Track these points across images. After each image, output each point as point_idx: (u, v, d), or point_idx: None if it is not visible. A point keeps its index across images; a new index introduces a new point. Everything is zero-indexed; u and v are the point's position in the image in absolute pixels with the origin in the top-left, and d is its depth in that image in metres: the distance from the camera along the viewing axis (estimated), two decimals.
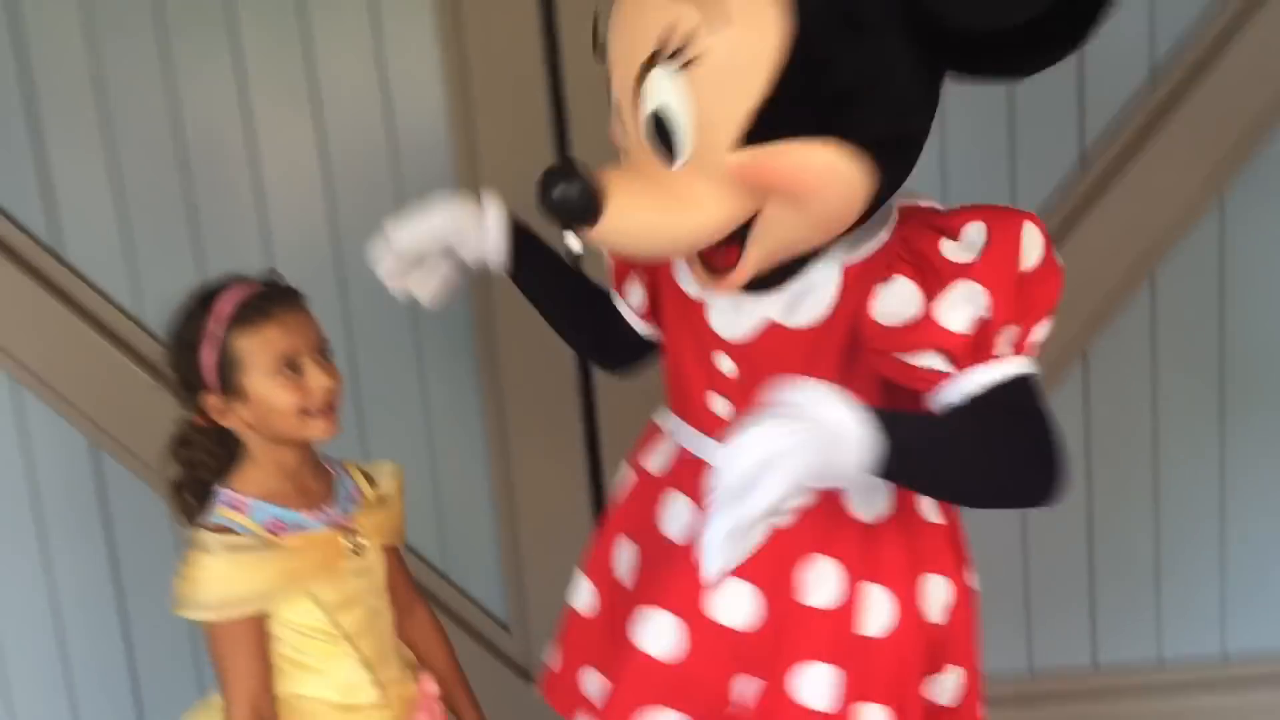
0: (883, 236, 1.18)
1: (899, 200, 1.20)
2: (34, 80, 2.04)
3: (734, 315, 1.22)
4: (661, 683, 1.26)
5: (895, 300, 1.12)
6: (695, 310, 1.27)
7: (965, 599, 1.29)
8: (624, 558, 1.41)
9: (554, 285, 1.51)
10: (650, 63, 1.06)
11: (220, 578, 1.36)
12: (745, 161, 1.06)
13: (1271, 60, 2.04)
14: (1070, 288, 1.16)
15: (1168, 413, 2.21)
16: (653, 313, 1.41)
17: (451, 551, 2.28)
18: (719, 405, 1.27)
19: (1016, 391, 1.09)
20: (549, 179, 1.10)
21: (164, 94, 2.06)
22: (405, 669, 1.55)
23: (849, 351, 1.17)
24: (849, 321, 1.16)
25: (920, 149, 1.14)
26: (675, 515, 1.33)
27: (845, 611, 1.20)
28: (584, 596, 1.47)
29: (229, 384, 1.37)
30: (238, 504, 1.40)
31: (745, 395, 1.21)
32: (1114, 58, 2.06)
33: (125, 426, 2.12)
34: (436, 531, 2.26)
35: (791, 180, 1.07)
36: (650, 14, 1.06)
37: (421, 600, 1.62)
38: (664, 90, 1.07)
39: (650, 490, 1.38)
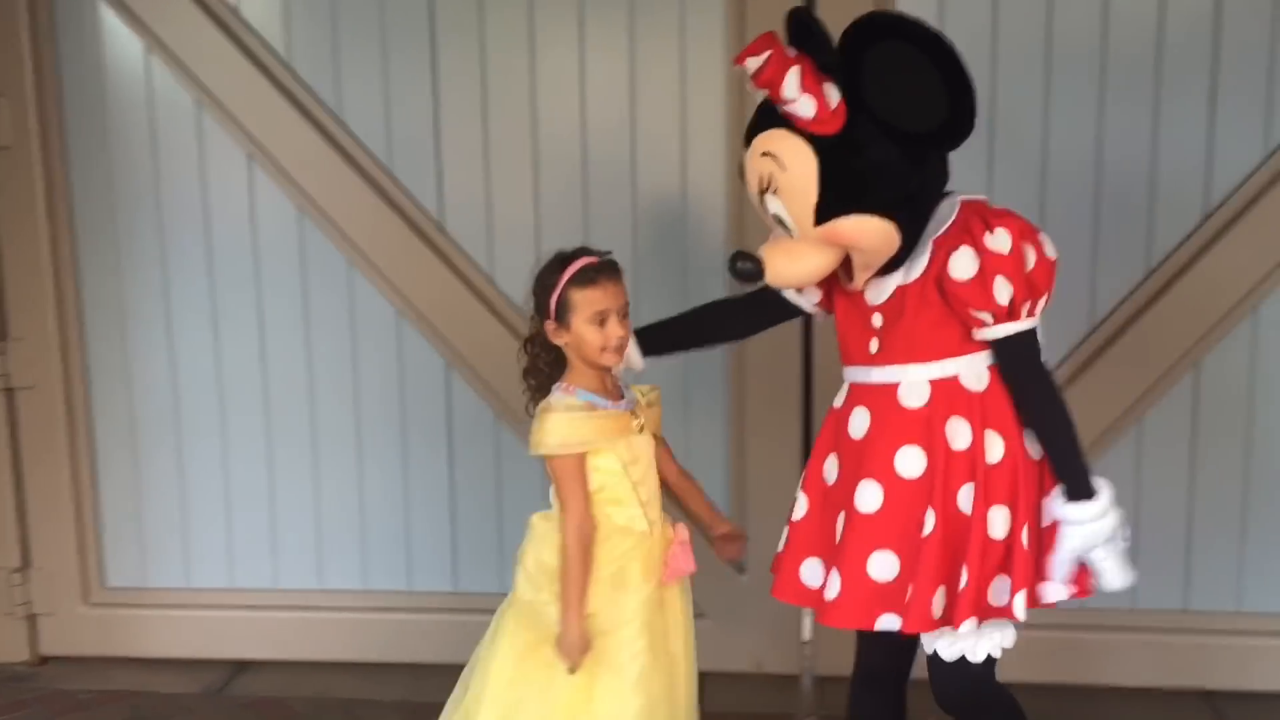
0: (952, 218, 1.93)
1: (961, 196, 1.96)
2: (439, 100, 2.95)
3: (878, 289, 1.99)
4: (877, 529, 1.96)
5: (961, 263, 1.88)
6: (857, 295, 2.03)
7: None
8: (830, 468, 2.10)
9: (684, 346, 2.39)
10: (761, 191, 1.92)
11: (560, 427, 2.04)
12: (821, 232, 1.89)
13: None
14: None
15: None
16: (826, 303, 2.15)
17: (691, 467, 3.02)
18: (873, 345, 2.00)
19: (1025, 340, 1.92)
20: (733, 259, 1.96)
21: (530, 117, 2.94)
22: (666, 516, 2.17)
23: (940, 294, 1.92)
24: (937, 276, 1.91)
25: (930, 194, 1.93)
26: (858, 423, 2.01)
27: (976, 449, 1.93)
28: (801, 508, 2.11)
29: (562, 318, 2.05)
30: (568, 390, 2.09)
31: (889, 336, 1.97)
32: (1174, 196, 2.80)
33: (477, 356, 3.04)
34: (683, 449, 3.02)
35: (846, 238, 1.89)
36: (755, 166, 1.92)
37: (677, 464, 2.28)
38: (773, 204, 1.91)
39: (838, 418, 2.07)
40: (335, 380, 3.11)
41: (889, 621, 1.95)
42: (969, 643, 1.98)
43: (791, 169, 1.87)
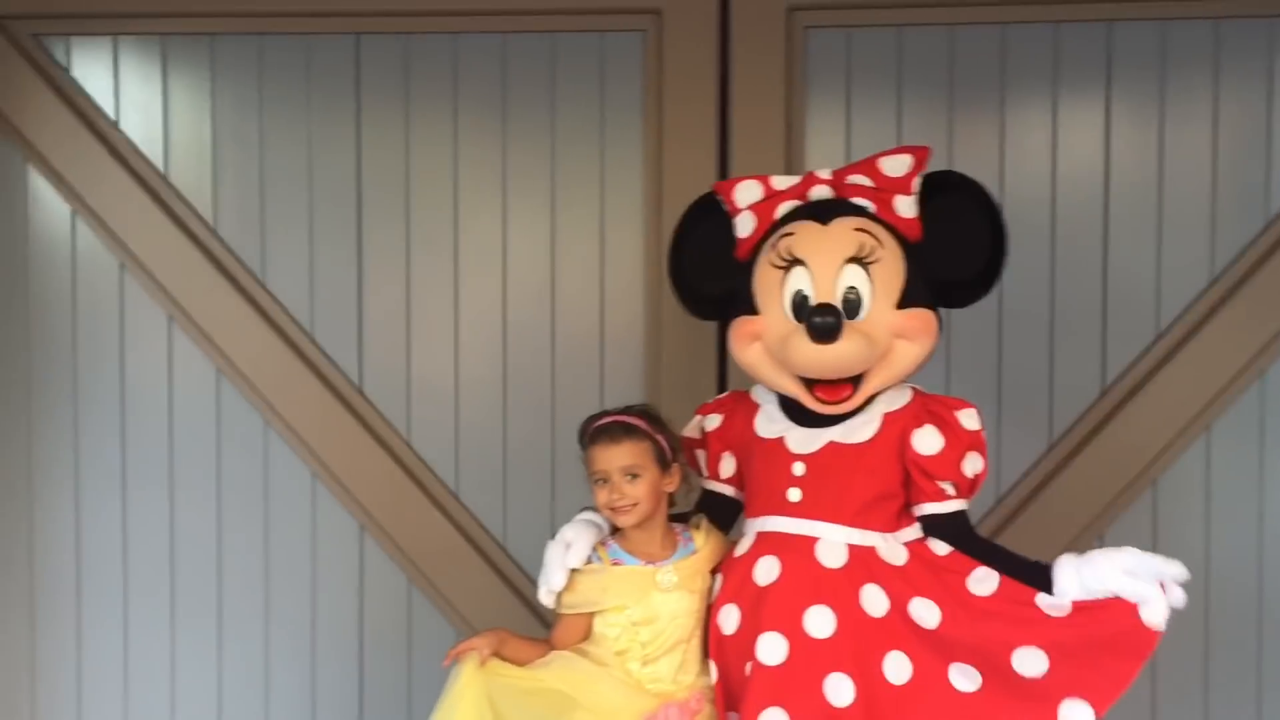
0: (906, 400, 2.04)
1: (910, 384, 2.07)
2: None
3: (806, 440, 2.03)
4: (775, 684, 1.93)
5: (927, 439, 1.99)
6: (776, 443, 2.06)
7: None
8: (728, 618, 2.03)
9: None
10: (856, 258, 1.97)
11: (571, 587, 2.07)
12: (901, 315, 1.98)
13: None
14: None
15: None
16: (737, 474, 2.16)
17: None
18: (794, 494, 2.01)
19: (965, 515, 2.03)
20: (814, 311, 1.95)
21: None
22: (704, 688, 2.09)
23: (881, 464, 2.00)
24: (890, 447, 1.99)
25: None
26: (765, 570, 2.00)
27: (895, 614, 1.94)
28: (714, 674, 2.06)
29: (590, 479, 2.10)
30: (604, 545, 2.11)
31: (813, 488, 1.99)
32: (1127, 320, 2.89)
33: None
34: None
35: (920, 327, 1.98)
36: (846, 237, 1.99)
37: None
38: (855, 275, 1.98)
39: (742, 566, 2.04)
40: (246, 545, 3.04)
41: None
42: None
43: (888, 249, 1.99)
